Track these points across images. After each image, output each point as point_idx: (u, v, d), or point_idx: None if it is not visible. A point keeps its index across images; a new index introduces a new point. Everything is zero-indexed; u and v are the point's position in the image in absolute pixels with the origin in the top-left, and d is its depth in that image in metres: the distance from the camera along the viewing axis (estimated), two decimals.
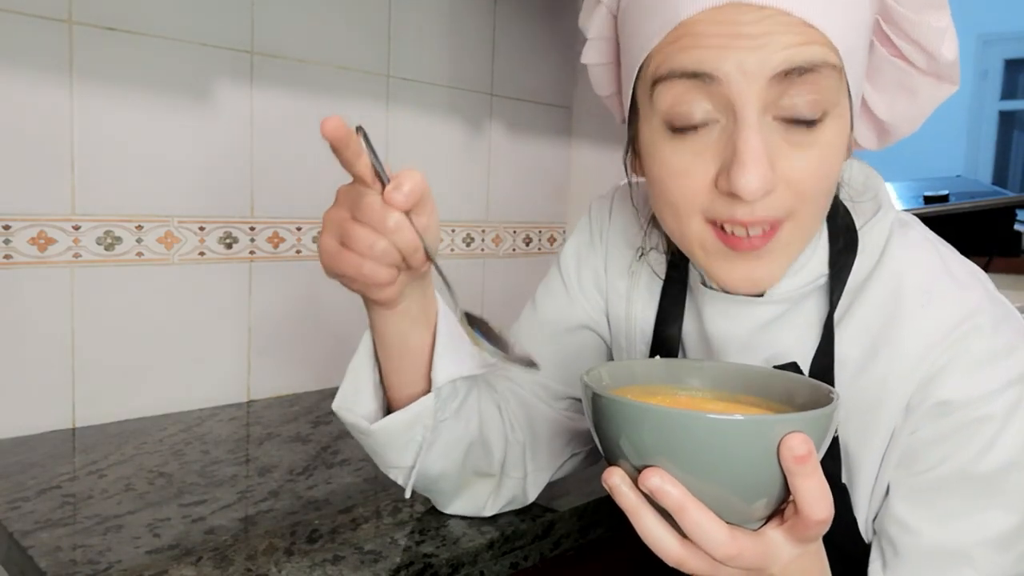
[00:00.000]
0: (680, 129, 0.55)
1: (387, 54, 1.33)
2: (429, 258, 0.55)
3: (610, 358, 0.80)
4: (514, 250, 1.60)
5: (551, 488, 0.79)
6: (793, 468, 0.43)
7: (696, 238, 0.58)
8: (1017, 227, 1.55)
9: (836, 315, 0.62)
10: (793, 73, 0.51)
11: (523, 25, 1.54)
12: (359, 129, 0.52)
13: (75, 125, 1.01)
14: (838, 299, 0.62)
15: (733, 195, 0.53)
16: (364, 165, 0.51)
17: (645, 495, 0.46)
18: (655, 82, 0.55)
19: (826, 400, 0.47)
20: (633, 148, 0.63)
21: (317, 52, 1.23)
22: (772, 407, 0.52)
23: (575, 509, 0.83)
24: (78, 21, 0.99)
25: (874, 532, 0.62)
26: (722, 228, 0.56)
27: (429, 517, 0.79)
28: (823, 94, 0.53)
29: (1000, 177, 4.21)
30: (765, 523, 0.48)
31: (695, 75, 0.53)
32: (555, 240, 1.69)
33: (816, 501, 0.44)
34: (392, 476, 0.69)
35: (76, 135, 1.01)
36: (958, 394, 0.56)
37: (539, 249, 1.66)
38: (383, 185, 0.52)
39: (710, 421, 0.43)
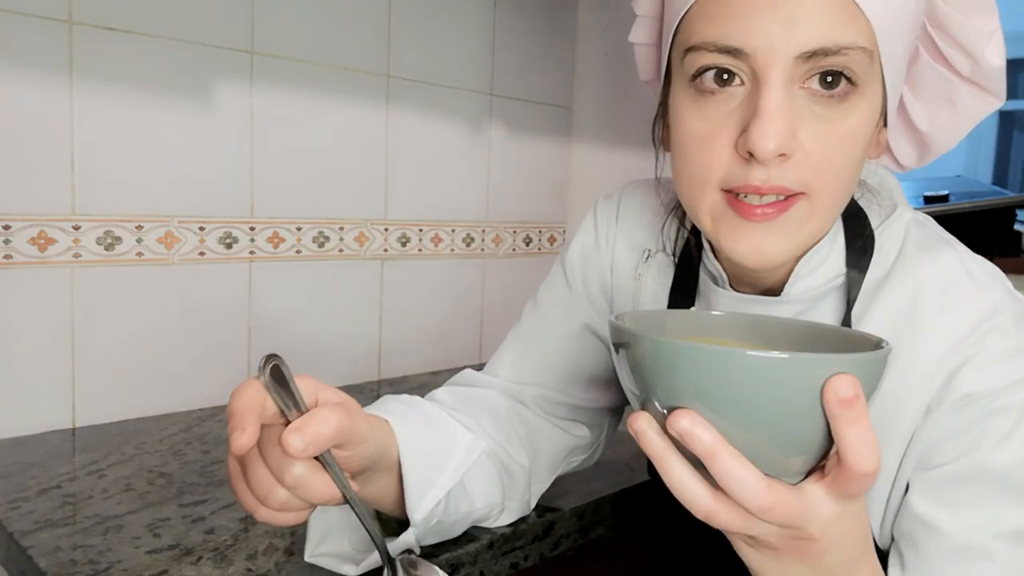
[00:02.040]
0: (705, 91, 0.55)
1: (387, 54, 1.33)
2: (347, 500, 0.51)
3: (611, 363, 0.80)
4: (514, 250, 1.60)
5: (551, 488, 0.79)
6: (837, 412, 0.39)
7: (707, 206, 0.57)
8: (1017, 227, 1.54)
9: (853, 316, 0.61)
10: (819, 54, 0.51)
11: (523, 25, 1.54)
12: (272, 358, 0.49)
13: (75, 125, 1.01)
14: (855, 299, 0.61)
15: (750, 158, 0.53)
16: (270, 411, 0.49)
17: (674, 441, 0.42)
18: (687, 51, 0.55)
19: (877, 348, 0.43)
20: (663, 120, 0.63)
21: (317, 52, 1.23)
22: None
23: (575, 509, 0.83)
24: (78, 21, 0.99)
25: (892, 539, 0.60)
26: (736, 196, 0.55)
27: None
28: (852, 70, 0.53)
29: (1000, 177, 4.20)
30: (803, 480, 0.44)
31: (725, 50, 0.53)
32: (555, 240, 1.69)
33: (862, 450, 0.40)
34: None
35: (76, 135, 1.01)
36: (977, 387, 0.55)
37: (539, 249, 1.66)
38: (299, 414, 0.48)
39: (749, 359, 0.39)
